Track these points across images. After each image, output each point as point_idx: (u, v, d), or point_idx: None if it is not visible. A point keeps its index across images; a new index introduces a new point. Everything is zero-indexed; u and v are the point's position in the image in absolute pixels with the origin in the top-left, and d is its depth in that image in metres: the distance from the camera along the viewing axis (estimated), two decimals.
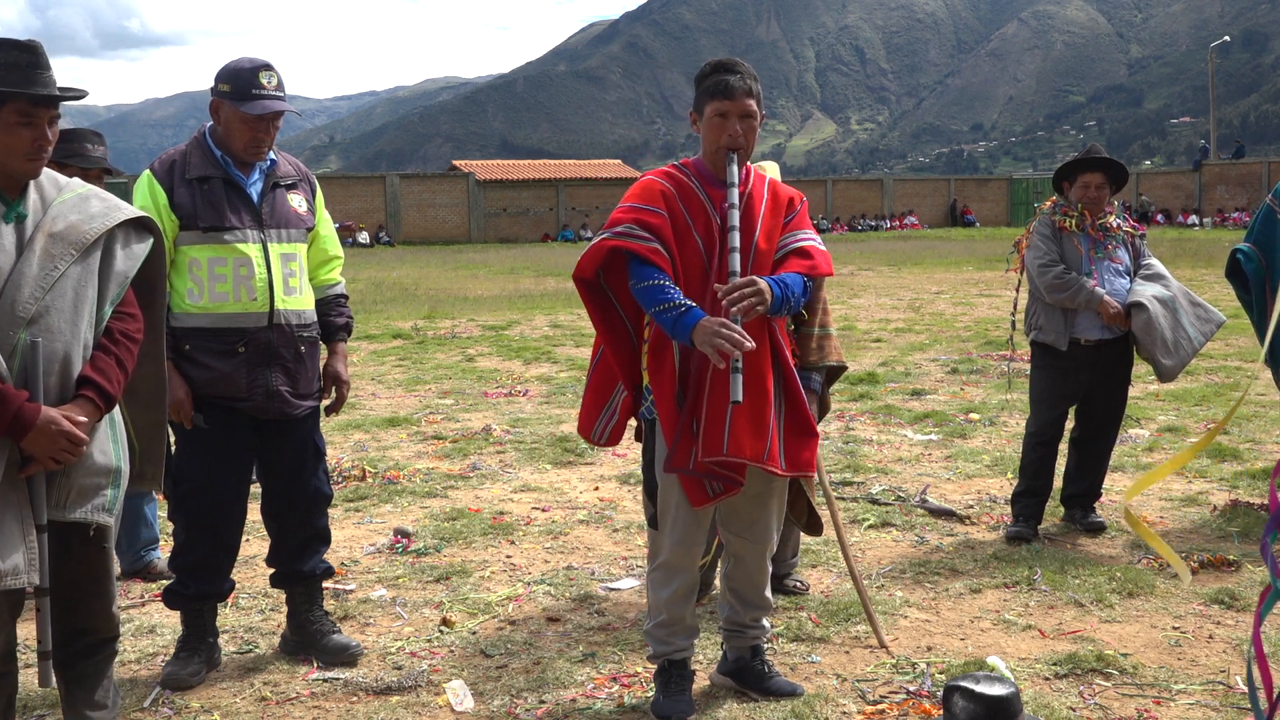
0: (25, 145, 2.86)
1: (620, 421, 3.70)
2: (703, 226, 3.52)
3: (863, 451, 7.41)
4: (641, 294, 3.44)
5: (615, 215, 3.52)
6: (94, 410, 2.89)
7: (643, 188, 3.57)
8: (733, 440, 3.41)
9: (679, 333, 3.36)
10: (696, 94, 3.59)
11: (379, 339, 14.08)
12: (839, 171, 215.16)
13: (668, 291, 3.39)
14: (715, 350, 3.27)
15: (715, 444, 3.41)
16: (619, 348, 3.60)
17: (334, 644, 4.10)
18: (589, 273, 3.53)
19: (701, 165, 3.61)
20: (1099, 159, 5.53)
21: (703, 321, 3.32)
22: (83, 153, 4.66)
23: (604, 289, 3.59)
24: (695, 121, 3.61)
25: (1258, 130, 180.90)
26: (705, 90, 3.54)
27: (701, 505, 3.52)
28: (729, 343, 3.24)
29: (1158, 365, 5.39)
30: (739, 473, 3.49)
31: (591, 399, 3.74)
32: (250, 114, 3.81)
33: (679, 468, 3.46)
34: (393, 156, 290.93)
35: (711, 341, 3.27)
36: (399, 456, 7.47)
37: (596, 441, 3.74)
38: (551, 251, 36.85)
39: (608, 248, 3.47)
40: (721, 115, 3.50)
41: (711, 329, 3.28)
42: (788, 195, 3.67)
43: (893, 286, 20.81)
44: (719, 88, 3.50)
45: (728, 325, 3.27)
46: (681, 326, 3.35)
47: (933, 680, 3.84)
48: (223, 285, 3.83)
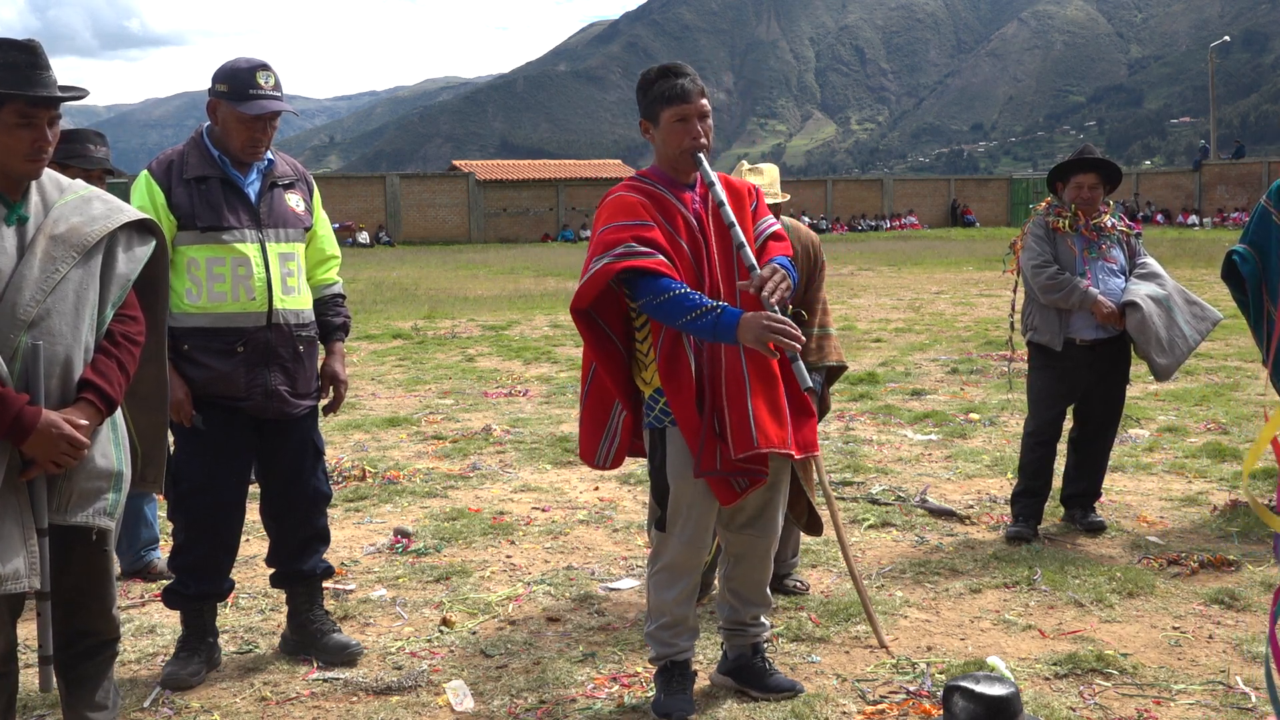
0: (25, 146, 2.83)
1: (623, 443, 3.69)
2: (684, 231, 3.52)
3: (863, 451, 7.41)
4: (665, 307, 3.37)
5: (606, 237, 3.45)
6: (95, 413, 2.88)
7: (619, 204, 3.51)
8: (760, 433, 3.43)
9: (721, 333, 3.34)
10: (645, 102, 3.53)
11: (379, 339, 14.08)
12: (839, 171, 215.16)
13: (693, 298, 3.37)
14: (771, 346, 3.30)
15: (745, 440, 3.42)
16: (614, 370, 3.59)
17: (334, 644, 4.10)
18: (587, 302, 3.48)
19: (661, 172, 3.59)
20: (1091, 159, 5.53)
21: (745, 318, 3.32)
22: (84, 153, 4.66)
23: (590, 315, 3.57)
24: (647, 130, 3.57)
25: (1258, 130, 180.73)
26: (657, 97, 3.49)
27: (732, 503, 3.54)
28: (786, 338, 3.28)
29: (1153, 364, 5.39)
30: (763, 464, 3.51)
31: (589, 424, 3.72)
32: (248, 114, 3.81)
33: (709, 470, 3.46)
34: (393, 156, 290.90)
35: (764, 337, 3.29)
36: (399, 456, 7.47)
37: (601, 466, 3.74)
38: (551, 251, 36.85)
39: (615, 271, 3.40)
40: (682, 119, 3.48)
41: (760, 324, 3.29)
42: (744, 186, 3.69)
43: (893, 286, 20.81)
44: (674, 92, 3.47)
45: (774, 318, 3.29)
46: (724, 327, 3.33)
47: (933, 680, 3.84)
48: (221, 285, 3.83)
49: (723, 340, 3.38)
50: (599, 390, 3.68)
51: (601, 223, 3.51)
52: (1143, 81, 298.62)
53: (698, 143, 3.49)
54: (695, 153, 3.50)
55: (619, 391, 3.61)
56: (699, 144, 3.50)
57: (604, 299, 3.55)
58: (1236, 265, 5.22)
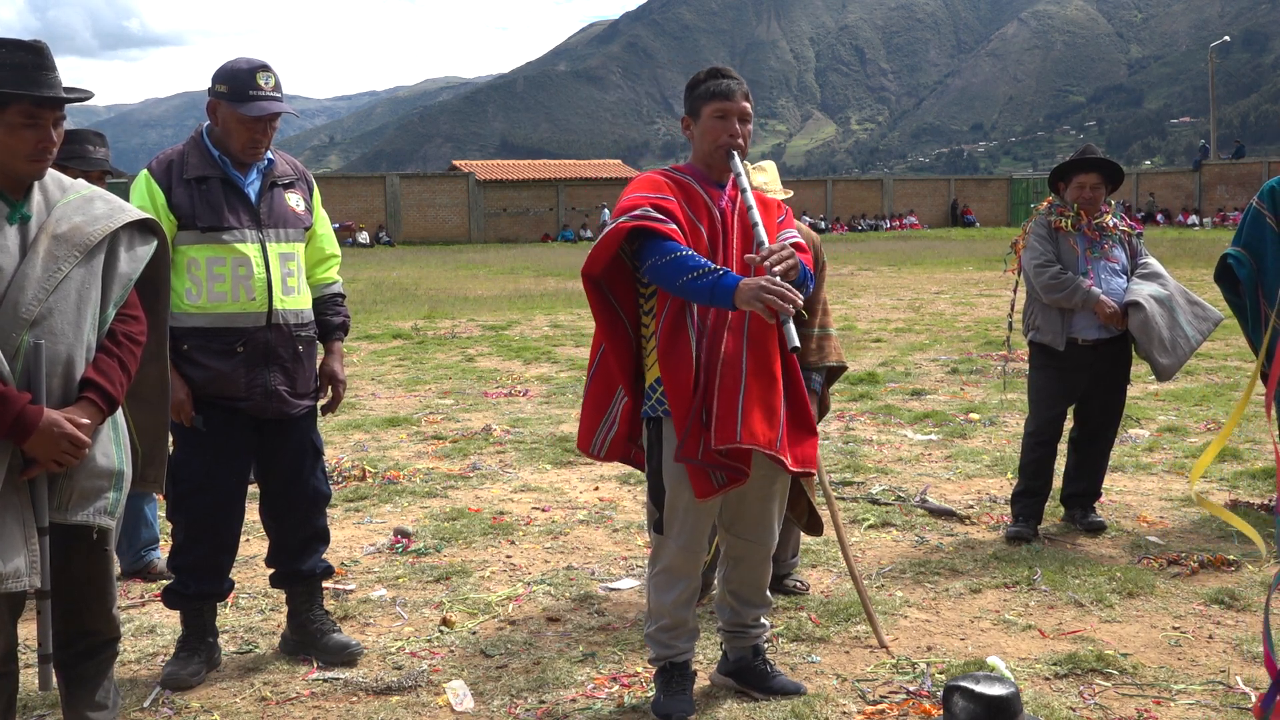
0: (29, 147, 2.83)
1: (620, 432, 3.67)
2: (707, 222, 3.54)
3: (863, 451, 7.41)
4: (667, 268, 3.37)
5: (626, 203, 3.48)
6: (96, 412, 2.88)
7: (645, 180, 3.58)
8: (746, 428, 3.40)
9: (719, 295, 3.33)
10: (690, 99, 3.62)
11: (379, 339, 14.08)
12: (839, 171, 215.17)
13: (696, 259, 3.37)
14: (766, 307, 3.27)
15: (729, 432, 3.40)
16: (620, 348, 3.59)
17: (334, 644, 4.10)
18: (599, 267, 3.48)
19: (696, 168, 3.63)
20: (1094, 159, 5.53)
21: (744, 281, 3.31)
22: (83, 154, 4.65)
23: (603, 289, 3.58)
24: (688, 126, 3.64)
25: (1258, 130, 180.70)
26: (703, 93, 3.57)
27: (707, 497, 3.49)
28: (779, 298, 3.25)
29: (1155, 364, 5.39)
30: (745, 463, 3.49)
31: (590, 411, 3.73)
32: (248, 115, 3.81)
33: (689, 457, 3.45)
34: (393, 156, 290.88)
35: (760, 297, 3.26)
36: (399, 456, 7.47)
37: (596, 455, 3.73)
38: (551, 251, 36.85)
39: (626, 230, 3.42)
40: (722, 116, 3.54)
41: (756, 285, 3.27)
42: (773, 202, 3.76)
43: (893, 286, 20.81)
44: (718, 90, 3.55)
45: (772, 281, 3.28)
46: (722, 289, 3.32)
47: (933, 680, 3.84)
48: (221, 285, 3.83)
49: (719, 304, 3.35)
50: (604, 373, 3.68)
51: (625, 194, 3.56)
52: (1143, 81, 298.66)
53: (734, 140, 3.54)
54: (730, 150, 3.53)
55: (622, 374, 3.60)
56: (735, 142, 3.54)
57: (616, 272, 3.55)
58: (1232, 268, 5.19)
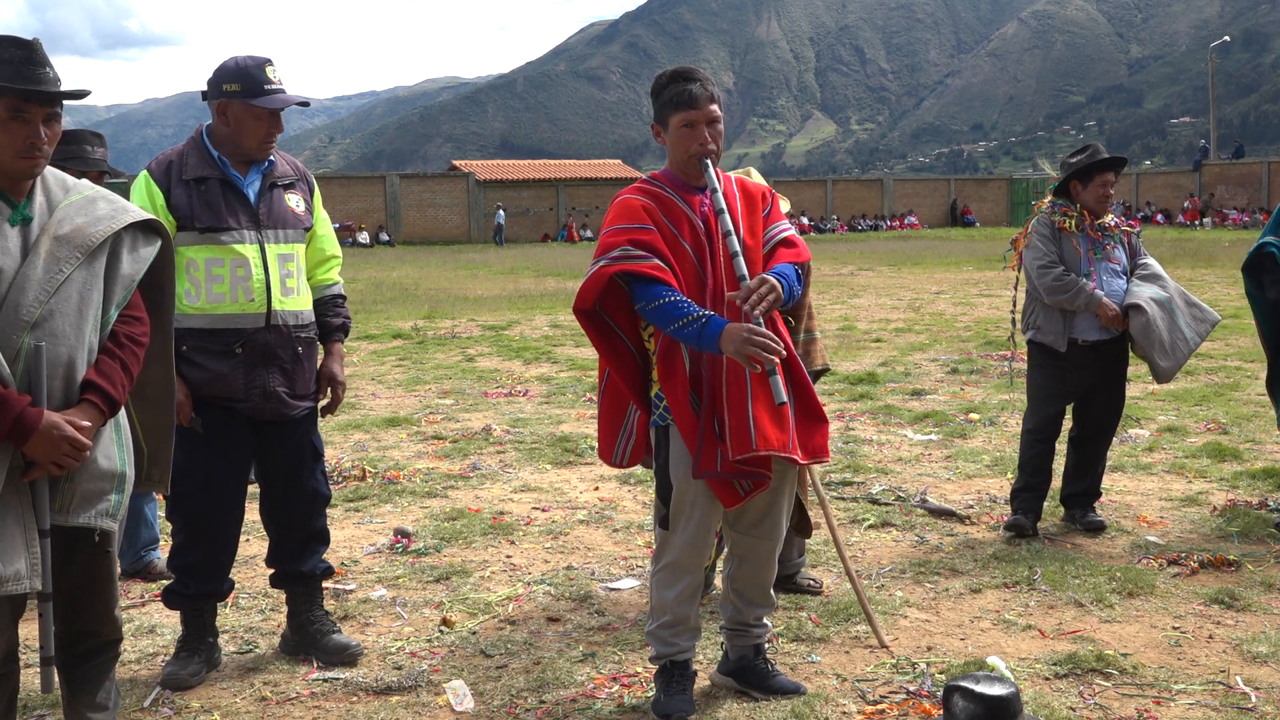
0: (18, 142, 2.79)
1: (639, 440, 3.70)
2: (689, 234, 3.54)
3: (863, 451, 7.41)
4: (655, 314, 3.42)
5: (605, 241, 3.52)
6: (98, 415, 2.87)
7: (623, 207, 3.57)
8: (759, 435, 3.42)
9: (705, 344, 3.38)
10: (657, 106, 3.59)
11: (379, 339, 14.09)
12: (839, 171, 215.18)
13: (682, 306, 3.39)
14: (749, 359, 3.31)
15: (744, 442, 3.42)
16: (625, 369, 3.61)
17: (334, 644, 4.10)
18: (589, 303, 3.52)
19: (672, 175, 3.63)
20: (1113, 158, 5.56)
21: (728, 329, 3.34)
22: (82, 155, 4.65)
23: (600, 315, 3.59)
24: (658, 134, 3.63)
25: (1258, 130, 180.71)
26: (667, 102, 3.54)
27: (735, 506, 3.53)
28: (764, 350, 3.28)
29: (1155, 367, 5.40)
30: (765, 467, 3.51)
31: (607, 423, 3.75)
32: (266, 109, 3.81)
33: (708, 471, 3.47)
34: (393, 156, 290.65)
35: (744, 350, 3.30)
36: (399, 456, 7.47)
37: (619, 464, 3.76)
38: (551, 251, 36.85)
39: (608, 274, 3.46)
40: (689, 125, 3.53)
41: (741, 336, 3.30)
42: (757, 190, 3.72)
43: (893, 286, 20.81)
44: (682, 98, 3.51)
45: (756, 331, 3.30)
46: (707, 338, 3.37)
47: (933, 680, 3.84)
48: (220, 286, 3.83)
49: (706, 350, 3.41)
50: (614, 390, 3.70)
51: (605, 225, 3.57)
52: (1143, 81, 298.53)
53: (704, 149, 3.52)
54: (702, 159, 3.53)
55: (631, 391, 3.61)
56: (705, 150, 3.53)
57: (613, 296, 3.56)
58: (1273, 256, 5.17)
